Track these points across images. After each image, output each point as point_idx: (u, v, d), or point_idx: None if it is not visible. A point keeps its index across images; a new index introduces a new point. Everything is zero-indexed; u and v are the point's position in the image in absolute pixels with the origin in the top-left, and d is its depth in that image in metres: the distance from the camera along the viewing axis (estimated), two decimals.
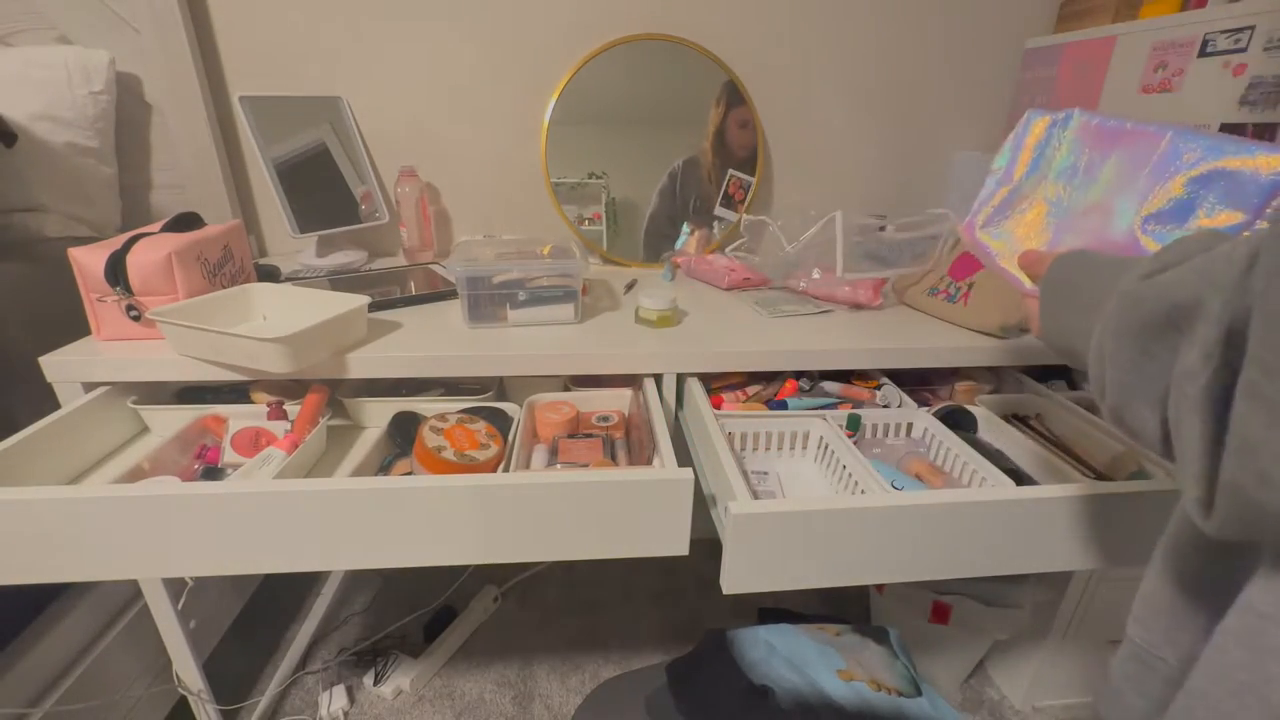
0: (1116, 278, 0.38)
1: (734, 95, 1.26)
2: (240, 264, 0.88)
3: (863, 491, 0.68)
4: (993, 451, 0.78)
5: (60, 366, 0.74)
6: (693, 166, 1.29)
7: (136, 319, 0.75)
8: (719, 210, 1.31)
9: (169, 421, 0.80)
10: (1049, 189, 0.57)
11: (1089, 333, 0.38)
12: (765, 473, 0.82)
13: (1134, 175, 0.52)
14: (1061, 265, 0.47)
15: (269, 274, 1.02)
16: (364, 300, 0.79)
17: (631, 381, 0.87)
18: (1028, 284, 0.54)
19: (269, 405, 0.80)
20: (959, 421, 0.84)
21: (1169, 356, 0.30)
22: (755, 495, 0.70)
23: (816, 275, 1.01)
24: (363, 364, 0.77)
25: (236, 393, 0.85)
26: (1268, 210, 0.47)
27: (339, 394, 0.85)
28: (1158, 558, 0.39)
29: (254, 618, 1.25)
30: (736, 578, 0.60)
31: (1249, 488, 0.24)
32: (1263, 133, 0.85)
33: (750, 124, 1.28)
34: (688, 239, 1.26)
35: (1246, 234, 0.47)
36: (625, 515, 0.61)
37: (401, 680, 1.18)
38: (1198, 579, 0.36)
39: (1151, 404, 0.32)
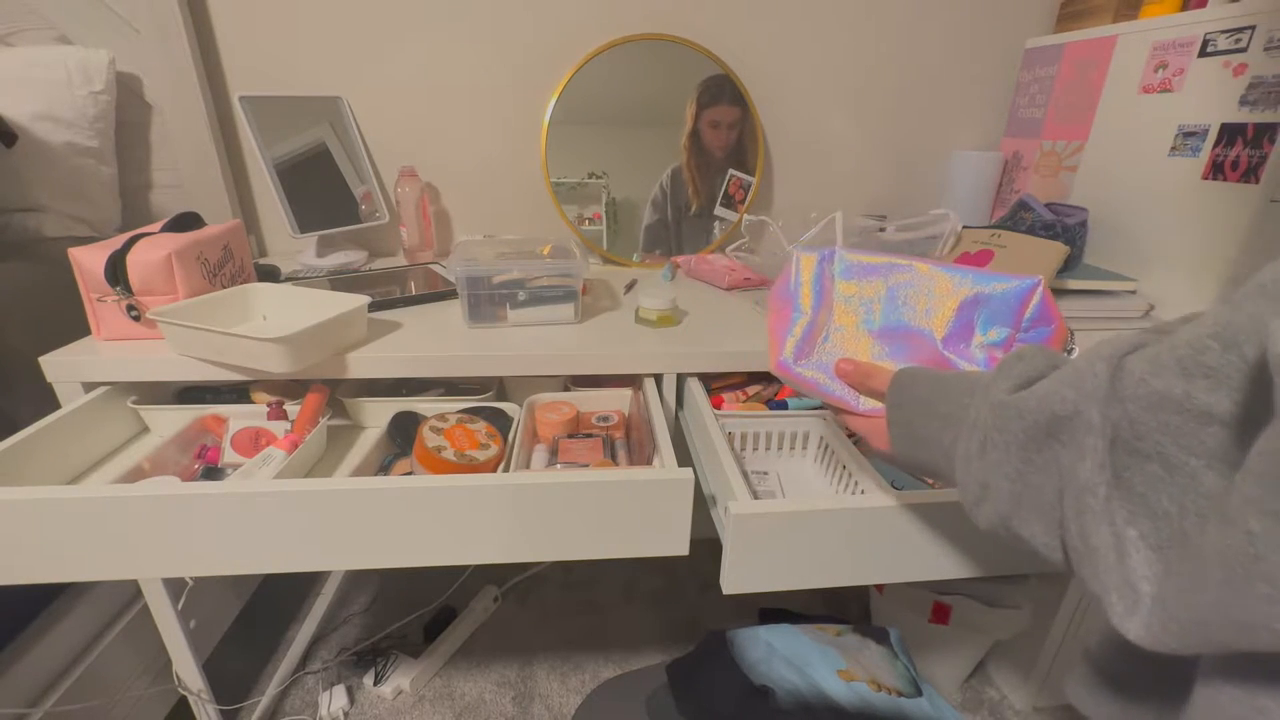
0: (969, 391, 0.41)
1: (705, 94, 1.25)
2: (240, 264, 0.88)
3: (863, 491, 0.68)
4: None
5: (60, 366, 0.74)
6: (678, 174, 1.28)
7: (136, 319, 0.75)
8: (719, 210, 1.31)
9: (169, 421, 0.80)
10: (840, 317, 0.61)
11: (950, 444, 0.41)
12: (765, 473, 0.82)
13: (914, 303, 0.60)
14: (907, 380, 0.49)
15: (269, 274, 1.02)
16: (364, 300, 0.79)
17: (631, 381, 0.87)
18: (861, 405, 0.57)
19: (269, 405, 0.80)
20: None
21: (1051, 467, 0.32)
22: (755, 495, 0.70)
23: None
24: (363, 364, 0.77)
25: (236, 393, 0.85)
26: (1023, 319, 0.57)
27: (339, 394, 0.85)
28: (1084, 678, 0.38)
29: (254, 618, 1.26)
30: (736, 578, 0.60)
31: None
32: (1263, 133, 0.85)
33: (723, 124, 1.27)
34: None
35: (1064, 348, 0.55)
36: (625, 515, 0.61)
37: (401, 680, 1.18)
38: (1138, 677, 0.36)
39: (1039, 512, 0.33)
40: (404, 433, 0.81)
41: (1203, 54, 0.93)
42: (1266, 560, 0.22)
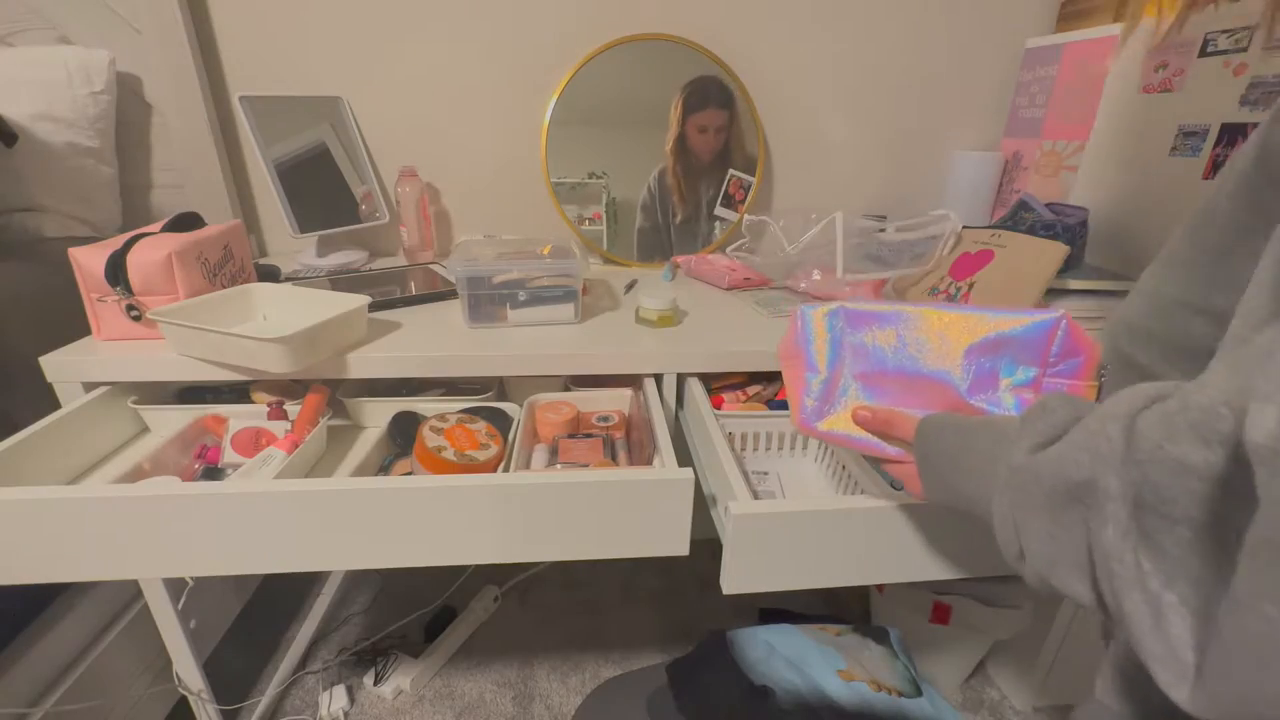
0: (995, 444, 0.40)
1: (692, 98, 1.24)
2: (240, 264, 0.88)
3: (863, 491, 0.68)
4: None
5: (60, 366, 0.74)
6: (663, 176, 1.28)
7: (137, 319, 0.75)
8: (719, 210, 1.31)
9: (169, 421, 0.80)
10: (855, 366, 0.61)
11: (984, 498, 0.40)
12: (765, 473, 0.82)
13: (928, 348, 0.58)
14: (933, 431, 0.49)
15: (269, 274, 1.02)
16: (364, 300, 0.79)
17: (631, 381, 0.87)
18: (891, 449, 0.56)
19: (269, 405, 0.80)
20: None
21: (1079, 527, 0.32)
22: (755, 495, 0.70)
23: (817, 277, 1.01)
24: (363, 364, 0.77)
25: (236, 393, 0.85)
26: (1051, 357, 0.54)
27: (339, 394, 0.85)
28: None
29: (254, 618, 1.25)
30: (736, 578, 0.60)
31: None
32: None
33: (710, 128, 1.26)
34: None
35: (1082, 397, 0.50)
36: (625, 515, 0.61)
37: (401, 680, 1.18)
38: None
39: (1076, 570, 0.33)
40: (404, 433, 0.81)
41: (1203, 54, 0.93)
42: None
